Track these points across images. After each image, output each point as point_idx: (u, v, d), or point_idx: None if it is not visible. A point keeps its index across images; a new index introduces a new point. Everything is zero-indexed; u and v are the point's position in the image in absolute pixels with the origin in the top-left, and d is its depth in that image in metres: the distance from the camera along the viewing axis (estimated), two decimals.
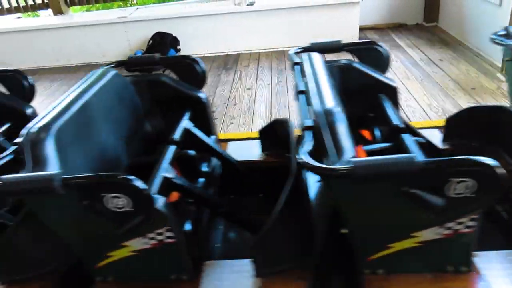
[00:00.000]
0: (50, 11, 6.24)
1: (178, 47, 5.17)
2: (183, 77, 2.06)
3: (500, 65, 3.88)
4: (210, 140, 1.95)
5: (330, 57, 1.94)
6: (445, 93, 3.64)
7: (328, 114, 1.28)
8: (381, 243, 1.31)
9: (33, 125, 1.34)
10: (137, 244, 1.33)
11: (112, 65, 1.97)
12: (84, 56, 5.54)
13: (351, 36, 5.11)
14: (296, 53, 1.97)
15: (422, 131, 1.95)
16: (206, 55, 5.31)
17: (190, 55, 2.11)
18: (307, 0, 5.12)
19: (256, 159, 2.12)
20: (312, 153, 1.18)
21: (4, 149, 1.83)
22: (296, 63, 1.84)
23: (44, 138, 1.30)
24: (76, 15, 6.54)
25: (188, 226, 1.53)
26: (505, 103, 3.41)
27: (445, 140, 2.03)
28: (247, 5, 5.17)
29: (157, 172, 1.48)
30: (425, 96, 3.63)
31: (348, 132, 1.27)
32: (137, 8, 5.95)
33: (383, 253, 1.31)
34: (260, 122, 3.47)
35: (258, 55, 5.17)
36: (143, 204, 1.18)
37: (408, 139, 1.53)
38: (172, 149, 1.65)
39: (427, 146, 1.63)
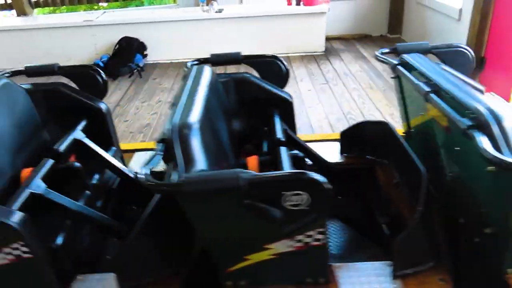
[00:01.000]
0: (14, 12, 6.05)
1: (145, 53, 5.11)
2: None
3: None
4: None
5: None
6: None
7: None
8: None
9: (179, 122, 1.29)
10: (281, 246, 1.30)
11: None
12: (48, 59, 5.28)
13: (318, 45, 5.20)
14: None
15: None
16: (173, 61, 5.27)
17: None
18: (276, 9, 5.20)
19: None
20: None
21: (88, 148, 1.82)
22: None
23: (192, 134, 1.26)
24: (41, 17, 6.37)
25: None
26: None
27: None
28: (216, 12, 5.18)
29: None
30: (387, 106, 3.72)
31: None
32: (104, 12, 5.86)
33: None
34: None
35: None
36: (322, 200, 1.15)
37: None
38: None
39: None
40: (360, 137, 2.03)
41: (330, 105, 3.78)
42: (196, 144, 1.26)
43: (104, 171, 1.95)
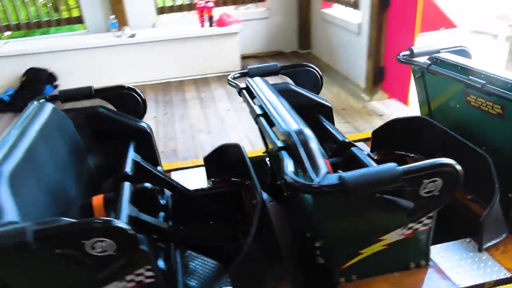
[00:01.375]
0: None
1: (55, 83, 4.87)
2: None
3: (363, 87, 4.35)
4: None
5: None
6: None
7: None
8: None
9: (293, 129, 1.25)
10: (393, 236, 1.37)
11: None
12: None
13: (234, 64, 5.31)
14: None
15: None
16: None
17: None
18: (189, 31, 5.24)
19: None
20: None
21: (146, 168, 1.79)
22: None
23: (308, 139, 1.24)
24: None
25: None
26: (367, 120, 3.82)
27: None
28: (128, 37, 5.10)
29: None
30: None
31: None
32: (7, 42, 5.50)
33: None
34: None
35: (143, 87, 5.10)
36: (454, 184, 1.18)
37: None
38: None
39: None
40: (391, 135, 2.15)
41: (249, 123, 3.87)
42: (314, 147, 1.30)
43: (163, 191, 1.93)
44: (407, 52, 2.15)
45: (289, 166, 1.23)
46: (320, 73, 2.13)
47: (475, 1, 5.78)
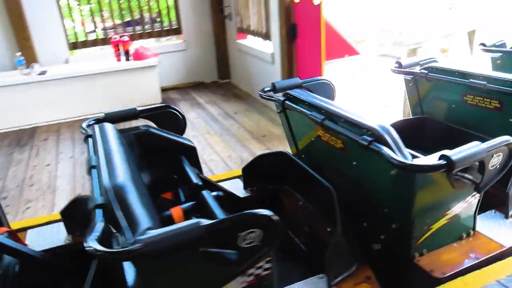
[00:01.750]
0: None
1: None
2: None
3: None
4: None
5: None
6: (242, 143, 4.06)
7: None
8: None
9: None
10: (456, 209, 1.58)
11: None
12: None
13: (154, 97, 5.28)
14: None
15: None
16: None
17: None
18: (105, 66, 5.12)
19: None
20: None
21: (206, 180, 1.91)
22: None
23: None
24: None
25: None
26: (287, 145, 3.99)
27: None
28: (38, 74, 4.87)
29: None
30: (225, 148, 3.97)
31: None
32: None
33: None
34: (63, 201, 3.24)
35: (58, 126, 4.86)
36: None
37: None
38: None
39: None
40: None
41: None
42: (397, 137, 1.43)
43: None
44: (397, 65, 2.46)
45: (389, 152, 1.37)
46: (334, 85, 2.37)
47: (373, 32, 6.38)
